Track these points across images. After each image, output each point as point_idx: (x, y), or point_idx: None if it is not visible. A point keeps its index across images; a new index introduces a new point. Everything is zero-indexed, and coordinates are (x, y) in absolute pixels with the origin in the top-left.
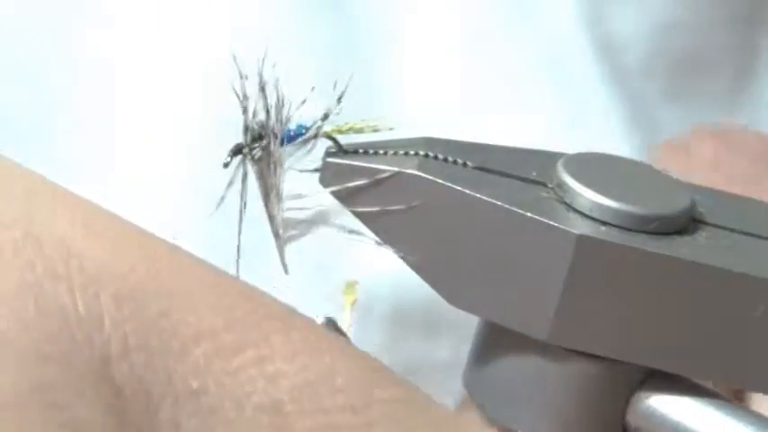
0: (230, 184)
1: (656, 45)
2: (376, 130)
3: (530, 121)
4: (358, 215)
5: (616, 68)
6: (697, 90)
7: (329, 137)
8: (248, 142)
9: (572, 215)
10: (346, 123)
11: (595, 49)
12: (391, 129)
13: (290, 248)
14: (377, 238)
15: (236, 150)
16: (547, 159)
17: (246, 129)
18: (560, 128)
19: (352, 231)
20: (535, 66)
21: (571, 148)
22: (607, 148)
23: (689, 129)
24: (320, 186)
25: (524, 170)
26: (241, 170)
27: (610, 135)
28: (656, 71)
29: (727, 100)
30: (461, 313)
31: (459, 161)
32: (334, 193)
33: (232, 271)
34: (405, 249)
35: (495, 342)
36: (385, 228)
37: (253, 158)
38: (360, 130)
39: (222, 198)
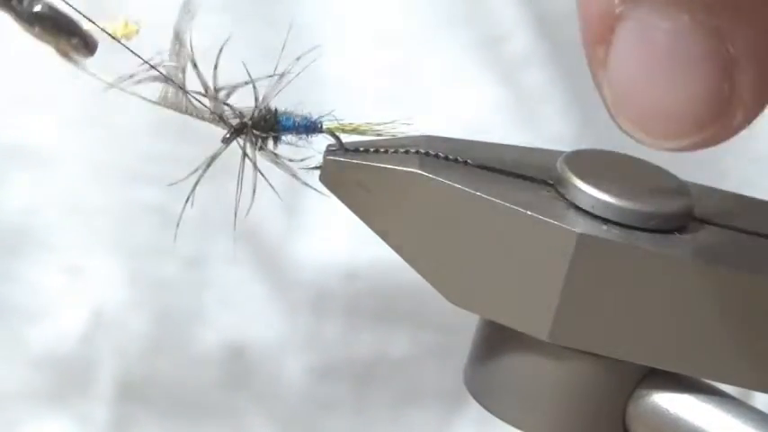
0: (213, 157)
1: None
2: (379, 135)
3: (471, 104)
4: (358, 213)
5: (556, 45)
6: None
7: (332, 133)
8: (252, 125)
9: (572, 213)
10: (351, 123)
11: (535, 27)
12: (394, 134)
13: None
14: None
15: (240, 129)
16: (547, 157)
17: (252, 111)
18: (501, 109)
19: None
20: (474, 48)
21: (512, 130)
22: (551, 127)
23: None
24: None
25: (525, 168)
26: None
27: (552, 113)
28: None
29: None
30: (417, 305)
31: (460, 159)
32: (335, 191)
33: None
34: (405, 247)
35: (495, 341)
36: (385, 226)
37: (251, 141)
38: (363, 133)
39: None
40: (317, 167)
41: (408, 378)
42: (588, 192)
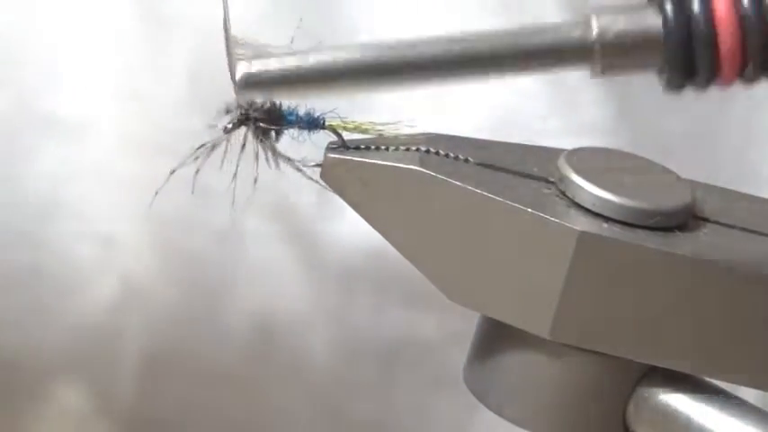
0: (242, 147)
1: None
2: (381, 134)
3: (506, 91)
4: (359, 210)
5: None
6: None
7: (333, 130)
8: (255, 114)
9: (573, 211)
10: (353, 121)
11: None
12: (396, 133)
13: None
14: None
15: (243, 119)
16: (548, 155)
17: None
18: (537, 96)
19: None
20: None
21: (547, 117)
22: (586, 114)
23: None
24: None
25: (526, 166)
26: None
27: (588, 101)
28: None
29: None
30: None
31: (461, 157)
32: (336, 189)
33: None
34: (405, 245)
35: (495, 338)
36: (386, 223)
37: (253, 130)
38: (365, 131)
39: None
40: (317, 164)
41: (435, 361)
42: (589, 189)
